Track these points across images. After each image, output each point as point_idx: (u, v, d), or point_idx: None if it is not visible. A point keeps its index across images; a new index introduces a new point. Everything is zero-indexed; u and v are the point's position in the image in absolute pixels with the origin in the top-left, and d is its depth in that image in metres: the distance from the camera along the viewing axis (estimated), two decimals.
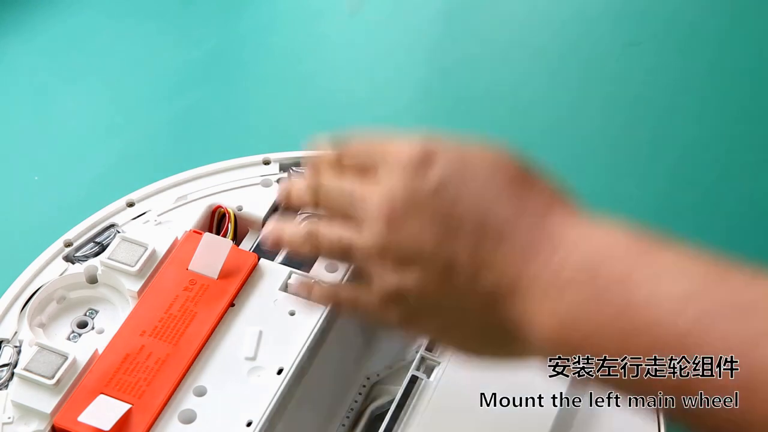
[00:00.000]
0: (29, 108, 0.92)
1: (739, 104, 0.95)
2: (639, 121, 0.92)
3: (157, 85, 0.93)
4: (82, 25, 0.99)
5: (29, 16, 0.99)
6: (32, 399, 0.57)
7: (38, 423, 0.57)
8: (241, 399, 0.58)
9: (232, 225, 0.67)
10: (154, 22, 1.00)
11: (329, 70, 0.96)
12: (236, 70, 0.95)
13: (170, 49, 0.97)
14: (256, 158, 0.71)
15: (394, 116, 0.93)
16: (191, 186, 0.70)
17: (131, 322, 0.61)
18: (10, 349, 0.61)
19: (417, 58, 0.99)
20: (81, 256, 0.66)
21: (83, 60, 0.97)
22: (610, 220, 0.47)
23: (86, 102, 0.93)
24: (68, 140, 0.89)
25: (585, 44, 0.98)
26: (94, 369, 0.59)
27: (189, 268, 0.63)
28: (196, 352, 0.59)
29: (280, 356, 0.59)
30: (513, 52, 0.99)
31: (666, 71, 0.97)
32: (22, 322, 0.62)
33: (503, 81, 0.97)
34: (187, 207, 0.69)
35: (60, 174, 0.87)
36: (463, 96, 0.96)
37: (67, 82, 0.95)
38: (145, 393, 0.57)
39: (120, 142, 0.89)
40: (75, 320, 0.64)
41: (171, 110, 0.92)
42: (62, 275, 0.65)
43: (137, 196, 0.70)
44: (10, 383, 0.59)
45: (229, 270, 0.63)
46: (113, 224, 0.68)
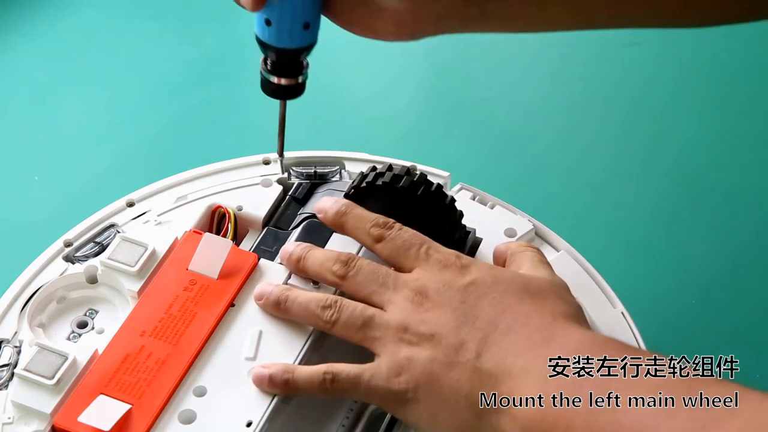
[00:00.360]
0: (29, 108, 0.92)
1: (739, 104, 0.95)
2: (639, 121, 0.92)
3: (158, 85, 0.93)
4: (83, 25, 0.99)
5: (29, 16, 0.99)
6: (32, 399, 0.57)
7: (38, 423, 0.57)
8: (241, 399, 0.58)
9: (232, 225, 0.67)
10: (154, 22, 1.00)
11: (329, 70, 0.96)
12: (236, 71, 0.95)
13: (171, 49, 0.97)
14: (256, 158, 0.71)
15: (394, 116, 0.93)
16: (191, 186, 0.70)
17: (131, 322, 0.61)
18: (10, 349, 0.61)
19: (417, 58, 0.99)
20: (81, 256, 0.66)
21: (83, 60, 0.97)
22: (603, 335, 0.56)
23: (86, 102, 0.93)
24: (68, 140, 0.89)
25: (585, 44, 0.98)
26: (94, 369, 0.59)
27: (189, 268, 0.63)
28: (196, 353, 0.59)
29: (280, 356, 0.59)
30: (513, 52, 0.99)
31: (666, 71, 0.97)
32: (22, 322, 0.62)
33: (503, 81, 0.97)
34: (187, 207, 0.69)
35: (60, 174, 0.87)
36: (463, 96, 0.96)
37: (68, 82, 0.95)
38: (145, 393, 0.57)
39: (120, 142, 0.89)
40: (75, 320, 0.64)
41: (171, 110, 0.92)
42: (62, 275, 0.65)
43: (137, 196, 0.70)
44: (10, 383, 0.59)
45: (229, 270, 0.63)
46: (113, 224, 0.68)
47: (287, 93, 0.63)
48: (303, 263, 0.61)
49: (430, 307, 0.56)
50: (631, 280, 0.78)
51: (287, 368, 0.57)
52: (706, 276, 0.81)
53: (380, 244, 0.60)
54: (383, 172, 0.64)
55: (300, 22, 0.59)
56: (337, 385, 0.56)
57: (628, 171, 0.89)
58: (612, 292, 0.65)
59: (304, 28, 0.59)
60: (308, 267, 0.61)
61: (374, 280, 0.58)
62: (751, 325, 0.78)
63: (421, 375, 0.54)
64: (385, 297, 0.57)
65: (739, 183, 0.87)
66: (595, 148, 0.90)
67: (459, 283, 0.56)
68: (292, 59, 0.61)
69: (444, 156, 0.86)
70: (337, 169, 0.71)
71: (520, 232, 0.67)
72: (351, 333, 0.57)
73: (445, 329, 0.55)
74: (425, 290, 0.57)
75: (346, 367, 0.56)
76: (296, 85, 0.62)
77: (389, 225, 0.60)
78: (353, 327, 0.57)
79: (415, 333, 0.55)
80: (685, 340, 0.77)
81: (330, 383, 0.55)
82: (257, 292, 0.61)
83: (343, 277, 0.59)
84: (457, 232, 0.65)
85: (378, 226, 0.60)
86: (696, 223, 0.84)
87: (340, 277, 0.59)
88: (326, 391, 0.56)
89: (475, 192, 0.70)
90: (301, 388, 0.56)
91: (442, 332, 0.55)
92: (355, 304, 0.57)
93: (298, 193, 0.70)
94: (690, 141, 0.91)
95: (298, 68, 0.62)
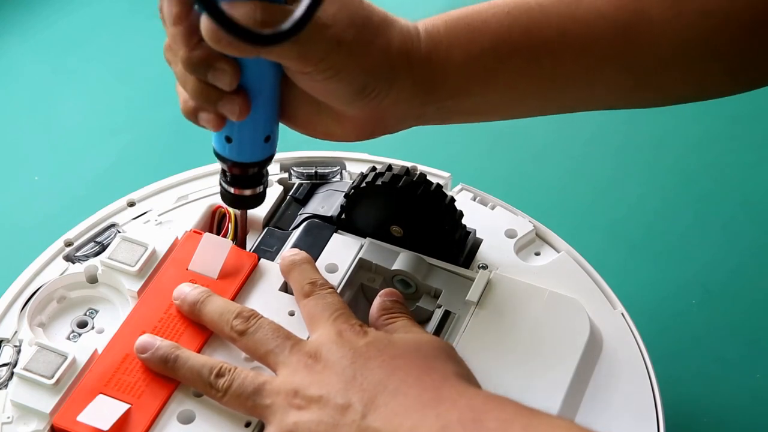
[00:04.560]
0: (29, 108, 0.92)
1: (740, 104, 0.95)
2: (639, 121, 0.92)
3: (159, 84, 0.93)
4: (83, 24, 0.99)
5: (29, 16, 0.99)
6: (31, 399, 0.57)
7: (37, 422, 0.57)
8: None
9: (232, 225, 0.67)
10: (155, 21, 1.00)
11: None
12: None
13: None
14: None
15: None
16: (192, 186, 0.70)
17: (131, 321, 0.61)
18: (10, 348, 0.61)
19: None
20: (81, 256, 0.66)
21: (83, 60, 0.97)
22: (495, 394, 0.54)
23: (87, 102, 0.93)
24: (68, 140, 0.89)
25: None
26: (93, 369, 0.59)
27: (189, 268, 0.63)
28: (195, 352, 0.59)
29: None
30: None
31: None
32: (22, 321, 0.62)
33: None
34: (188, 207, 0.69)
35: (60, 174, 0.87)
36: None
37: (68, 82, 0.95)
38: (144, 393, 0.57)
39: (120, 142, 0.89)
40: (75, 320, 0.64)
41: (172, 110, 0.91)
42: (62, 275, 0.65)
43: (138, 195, 0.70)
44: (9, 383, 0.59)
45: (229, 270, 0.63)
46: (114, 224, 0.68)
47: (249, 203, 0.61)
48: (199, 308, 0.60)
49: (321, 369, 0.55)
50: (631, 280, 0.78)
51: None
52: (706, 276, 0.81)
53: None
54: (383, 173, 0.64)
55: (261, 136, 0.57)
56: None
57: (628, 171, 0.89)
58: (612, 292, 0.65)
59: (265, 141, 0.58)
60: (205, 314, 0.60)
61: (273, 339, 0.57)
62: (751, 325, 0.78)
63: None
64: (280, 358, 0.56)
65: (740, 183, 0.87)
66: (595, 149, 0.90)
67: (353, 344, 0.56)
68: (254, 172, 0.60)
69: (445, 157, 0.86)
70: (338, 170, 0.71)
71: (521, 233, 0.67)
72: (241, 401, 0.55)
73: (333, 390, 0.54)
74: (318, 352, 0.56)
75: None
76: (259, 194, 0.61)
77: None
78: (243, 395, 0.55)
79: (304, 396, 0.54)
80: (685, 341, 0.77)
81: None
82: (139, 345, 0.58)
83: (242, 332, 0.58)
84: (457, 232, 0.65)
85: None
86: (696, 223, 0.84)
87: (239, 333, 0.58)
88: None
89: (475, 193, 0.70)
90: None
91: (329, 393, 0.53)
92: (247, 372, 0.56)
93: (298, 194, 0.70)
94: (690, 141, 0.91)
95: (259, 178, 0.60)
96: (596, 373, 0.61)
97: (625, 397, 0.60)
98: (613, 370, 0.61)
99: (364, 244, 0.65)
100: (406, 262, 0.64)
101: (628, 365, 0.61)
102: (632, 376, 0.61)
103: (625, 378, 0.61)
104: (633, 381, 0.61)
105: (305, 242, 0.66)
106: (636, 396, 0.60)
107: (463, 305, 0.63)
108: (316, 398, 0.54)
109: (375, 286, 0.64)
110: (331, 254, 0.65)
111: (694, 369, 0.75)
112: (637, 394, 0.60)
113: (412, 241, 0.65)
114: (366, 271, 0.65)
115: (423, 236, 0.65)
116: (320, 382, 0.54)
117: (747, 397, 0.74)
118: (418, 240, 0.65)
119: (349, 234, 0.66)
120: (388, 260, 0.64)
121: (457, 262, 0.65)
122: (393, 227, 0.65)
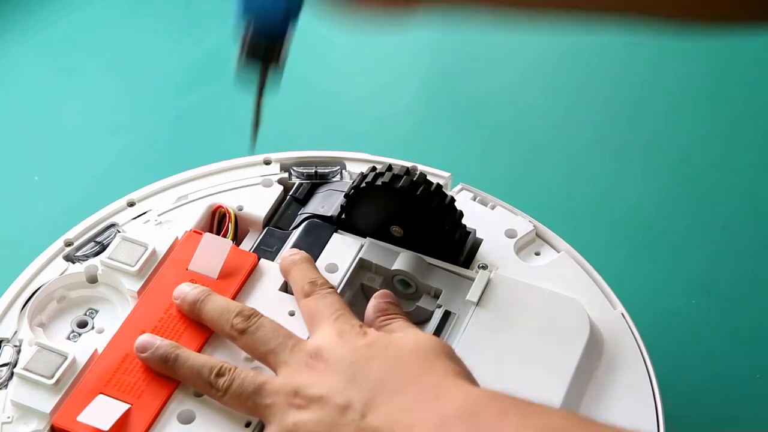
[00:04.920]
0: (29, 108, 0.92)
1: (741, 104, 0.95)
2: (639, 121, 0.92)
3: (158, 84, 0.93)
4: (83, 25, 0.99)
5: (29, 16, 0.99)
6: (31, 398, 0.57)
7: (37, 422, 0.57)
8: None
9: (232, 225, 0.67)
10: (155, 21, 1.00)
11: (330, 70, 0.96)
12: None
13: (171, 48, 0.97)
14: (256, 158, 0.71)
15: (396, 117, 0.93)
16: (192, 186, 0.70)
17: (131, 321, 0.61)
18: (10, 348, 0.61)
19: (417, 58, 0.99)
20: (81, 256, 0.66)
21: (83, 60, 0.97)
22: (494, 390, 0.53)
23: (86, 102, 0.93)
24: (68, 140, 0.89)
25: (585, 44, 0.98)
26: (93, 369, 0.59)
27: (189, 268, 0.63)
28: (196, 352, 0.59)
29: None
30: (514, 53, 0.99)
31: (666, 71, 0.97)
32: (22, 321, 0.62)
33: (504, 81, 0.97)
34: (188, 207, 0.69)
35: (60, 174, 0.87)
36: (464, 97, 0.96)
37: (68, 82, 0.95)
38: (144, 393, 0.57)
39: (120, 142, 0.89)
40: (75, 320, 0.64)
41: (172, 110, 0.92)
42: (62, 275, 0.65)
43: (138, 195, 0.70)
44: (9, 383, 0.59)
45: (229, 270, 0.63)
46: (114, 224, 0.68)
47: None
48: (199, 307, 0.60)
49: (322, 369, 0.55)
50: (631, 280, 0.78)
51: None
52: (706, 276, 0.81)
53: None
54: (383, 173, 0.64)
55: None
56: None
57: (628, 171, 0.89)
58: (612, 292, 0.65)
59: None
60: (205, 313, 0.60)
61: (274, 338, 0.57)
62: (751, 325, 0.78)
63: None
64: (281, 358, 0.56)
65: (740, 183, 0.87)
66: (595, 149, 0.90)
67: (354, 344, 0.56)
68: None
69: (445, 157, 0.86)
70: (338, 170, 0.71)
71: (521, 233, 0.67)
72: (241, 401, 0.55)
73: (334, 390, 0.54)
74: (319, 352, 0.56)
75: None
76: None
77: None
78: (243, 394, 0.55)
79: (304, 396, 0.54)
80: (684, 341, 0.77)
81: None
82: (139, 344, 0.59)
83: (243, 331, 0.58)
84: (457, 232, 0.65)
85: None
86: (696, 223, 0.84)
87: (239, 332, 0.58)
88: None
89: (476, 193, 0.70)
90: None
91: (330, 393, 0.53)
92: (247, 371, 0.56)
93: (298, 194, 0.70)
94: (690, 141, 0.91)
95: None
96: (596, 373, 0.61)
97: (624, 397, 0.60)
98: (613, 370, 0.61)
99: (364, 244, 0.65)
100: (406, 262, 0.64)
101: (627, 365, 0.61)
102: (632, 376, 0.61)
103: (625, 378, 0.61)
104: (633, 381, 0.61)
105: (305, 242, 0.66)
106: (636, 396, 0.60)
107: (463, 305, 0.63)
108: (317, 398, 0.54)
109: (375, 286, 0.65)
110: (331, 254, 0.65)
111: (694, 369, 0.75)
112: (637, 394, 0.60)
113: (412, 241, 0.65)
114: (366, 271, 0.65)
115: (423, 236, 0.65)
116: (321, 382, 0.54)
117: (747, 396, 0.74)
118: (418, 240, 0.65)
119: (349, 234, 0.66)
120: (388, 260, 0.64)
121: (457, 262, 0.65)
122: (393, 227, 0.65)
